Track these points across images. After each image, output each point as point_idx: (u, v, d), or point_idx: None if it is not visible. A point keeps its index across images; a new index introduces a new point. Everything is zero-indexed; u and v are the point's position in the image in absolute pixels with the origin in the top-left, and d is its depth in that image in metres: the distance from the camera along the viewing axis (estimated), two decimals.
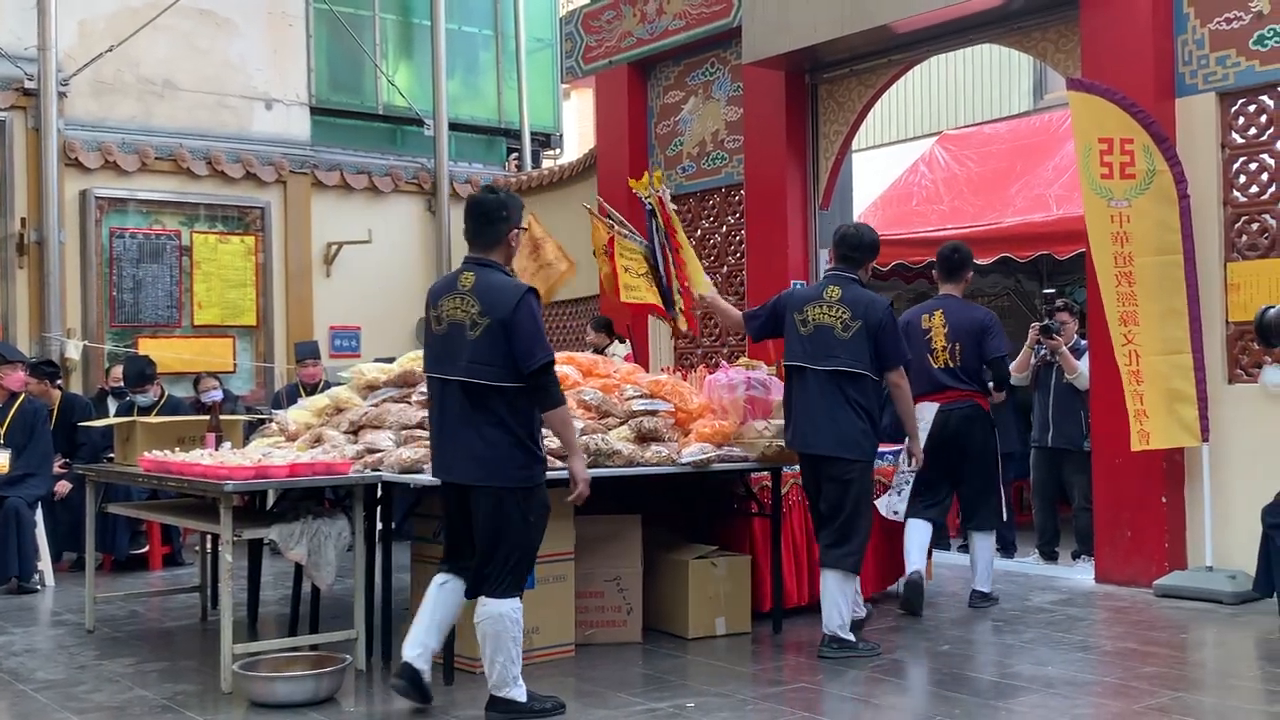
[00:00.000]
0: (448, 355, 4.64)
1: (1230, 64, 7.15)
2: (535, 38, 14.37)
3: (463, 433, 4.59)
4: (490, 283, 4.64)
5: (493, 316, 4.56)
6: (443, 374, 4.66)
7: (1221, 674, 5.49)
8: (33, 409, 8.25)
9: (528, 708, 4.66)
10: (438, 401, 4.72)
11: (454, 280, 4.73)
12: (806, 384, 5.73)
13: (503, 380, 4.55)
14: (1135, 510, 7.30)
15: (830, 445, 5.65)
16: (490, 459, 4.56)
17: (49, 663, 5.82)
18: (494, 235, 4.75)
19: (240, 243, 11.74)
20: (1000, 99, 13.47)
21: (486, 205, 4.77)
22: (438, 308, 4.71)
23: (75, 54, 10.90)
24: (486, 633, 4.60)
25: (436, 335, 4.71)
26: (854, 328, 5.65)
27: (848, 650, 5.63)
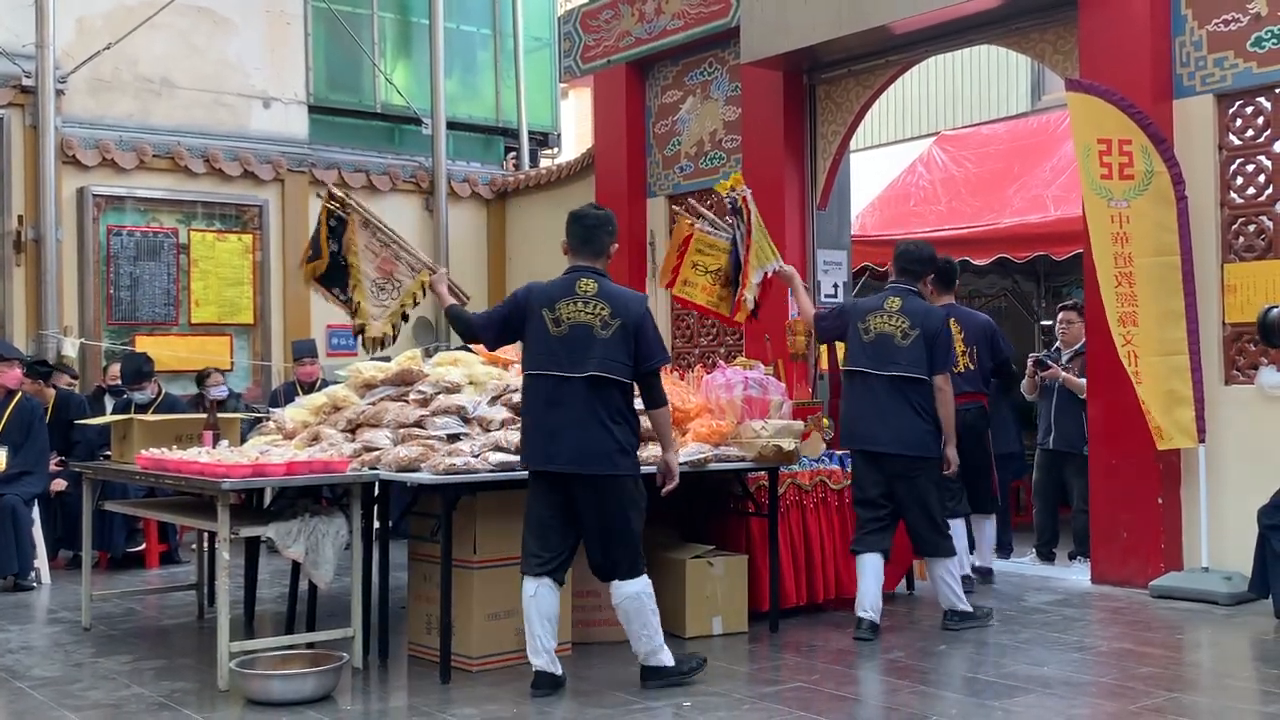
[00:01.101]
0: (570, 355, 4.99)
1: (1228, 65, 7.16)
2: (533, 37, 14.35)
3: (587, 427, 4.94)
4: (613, 289, 5.13)
5: (624, 319, 5.00)
6: (566, 372, 4.99)
7: (1217, 675, 5.50)
8: (29, 406, 8.24)
9: (678, 670, 5.12)
10: (550, 397, 5.01)
11: (570, 286, 5.08)
12: (870, 388, 6.17)
13: (626, 376, 5.02)
14: (1131, 511, 7.31)
15: (897, 445, 6.08)
16: (616, 451, 4.97)
17: (45, 660, 5.82)
18: (600, 246, 5.19)
19: (238, 241, 11.73)
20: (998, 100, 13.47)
21: (595, 219, 5.21)
22: (555, 311, 5.03)
23: (73, 51, 10.88)
24: (628, 611, 5.04)
25: (555, 336, 5.03)
26: (912, 335, 6.12)
27: (969, 620, 6.20)
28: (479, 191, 13.41)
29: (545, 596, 5.01)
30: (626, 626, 5.10)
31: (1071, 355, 8.27)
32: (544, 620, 5.01)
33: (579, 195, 12.11)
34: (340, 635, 5.52)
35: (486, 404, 5.84)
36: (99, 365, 10.62)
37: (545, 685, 5.02)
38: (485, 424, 5.70)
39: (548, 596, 5.02)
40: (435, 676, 5.29)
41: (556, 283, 5.16)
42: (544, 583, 5.02)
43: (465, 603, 5.42)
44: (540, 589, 5.01)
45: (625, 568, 5.02)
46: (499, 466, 5.35)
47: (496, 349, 5.95)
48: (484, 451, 5.43)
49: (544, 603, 5.01)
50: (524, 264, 13.25)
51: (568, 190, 12.56)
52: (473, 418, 5.74)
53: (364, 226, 6.46)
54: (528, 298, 5.15)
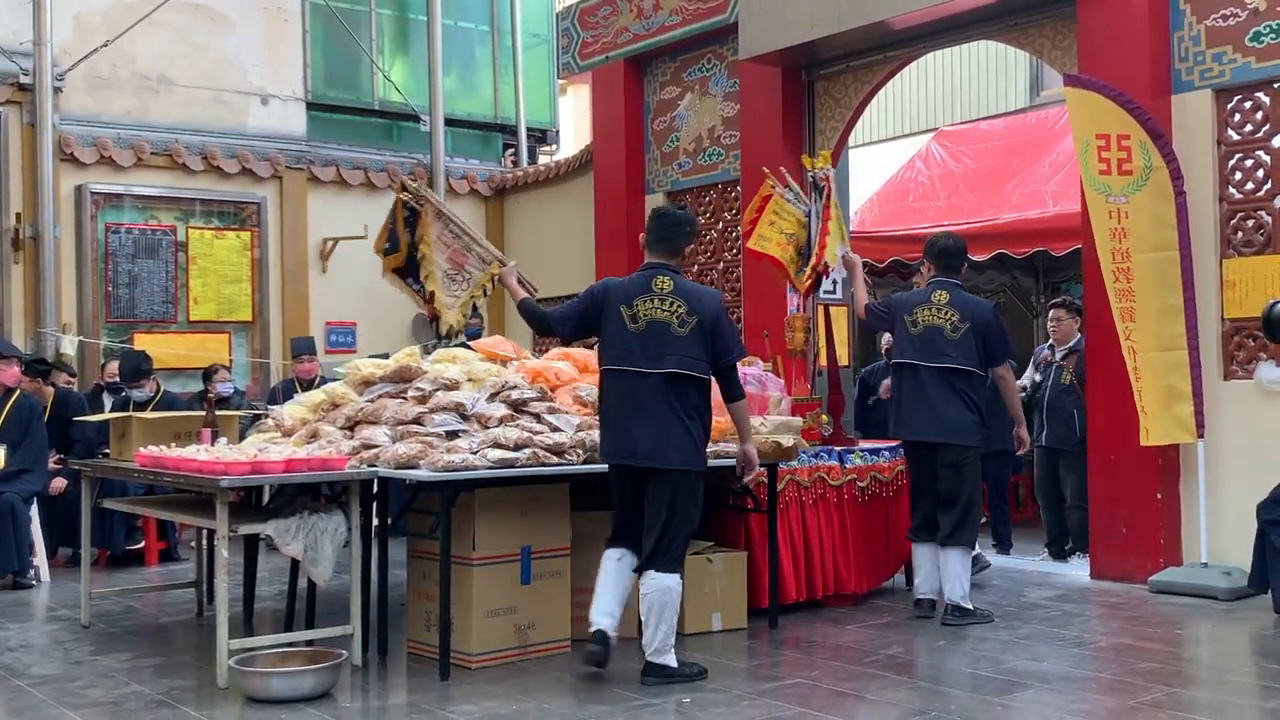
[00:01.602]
0: (646, 351, 5.13)
1: (1227, 60, 7.16)
2: (531, 33, 14.34)
3: (663, 422, 5.08)
4: (689, 286, 5.24)
5: (700, 315, 5.13)
6: (643, 368, 5.13)
7: (1216, 669, 5.50)
8: (28, 404, 8.23)
9: (679, 672, 5.16)
10: (628, 393, 5.15)
11: (646, 283, 5.20)
12: (920, 379, 6.35)
13: (703, 372, 5.14)
14: (1131, 506, 7.31)
15: (944, 434, 6.27)
16: (690, 446, 5.13)
17: (45, 658, 5.82)
18: (677, 245, 5.35)
19: (236, 238, 11.72)
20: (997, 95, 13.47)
21: (674, 218, 5.36)
22: (632, 308, 5.16)
23: (71, 49, 10.87)
24: (654, 603, 5.09)
25: (632, 333, 5.16)
26: (962, 329, 6.28)
27: (968, 618, 6.23)
28: (477, 188, 13.40)
29: (627, 566, 5.22)
30: (644, 617, 5.16)
31: (1066, 353, 8.28)
32: (619, 587, 5.19)
33: (577, 192, 12.13)
34: (339, 632, 5.52)
35: (485, 401, 5.84)
36: (97, 363, 10.62)
37: (600, 643, 5.14)
38: (484, 421, 5.69)
39: (629, 566, 5.22)
40: (435, 673, 5.28)
41: (634, 279, 5.30)
42: (628, 554, 5.23)
43: (464, 600, 5.41)
44: (625, 557, 5.23)
45: (666, 560, 5.13)
46: (497, 463, 5.35)
47: (573, 343, 6.12)
48: (483, 448, 5.43)
49: (625, 572, 5.22)
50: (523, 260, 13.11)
51: (566, 187, 12.56)
52: (471, 414, 5.74)
53: (437, 218, 6.60)
54: (605, 293, 5.27)
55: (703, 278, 10.51)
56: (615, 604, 5.19)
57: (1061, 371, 8.21)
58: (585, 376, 6.38)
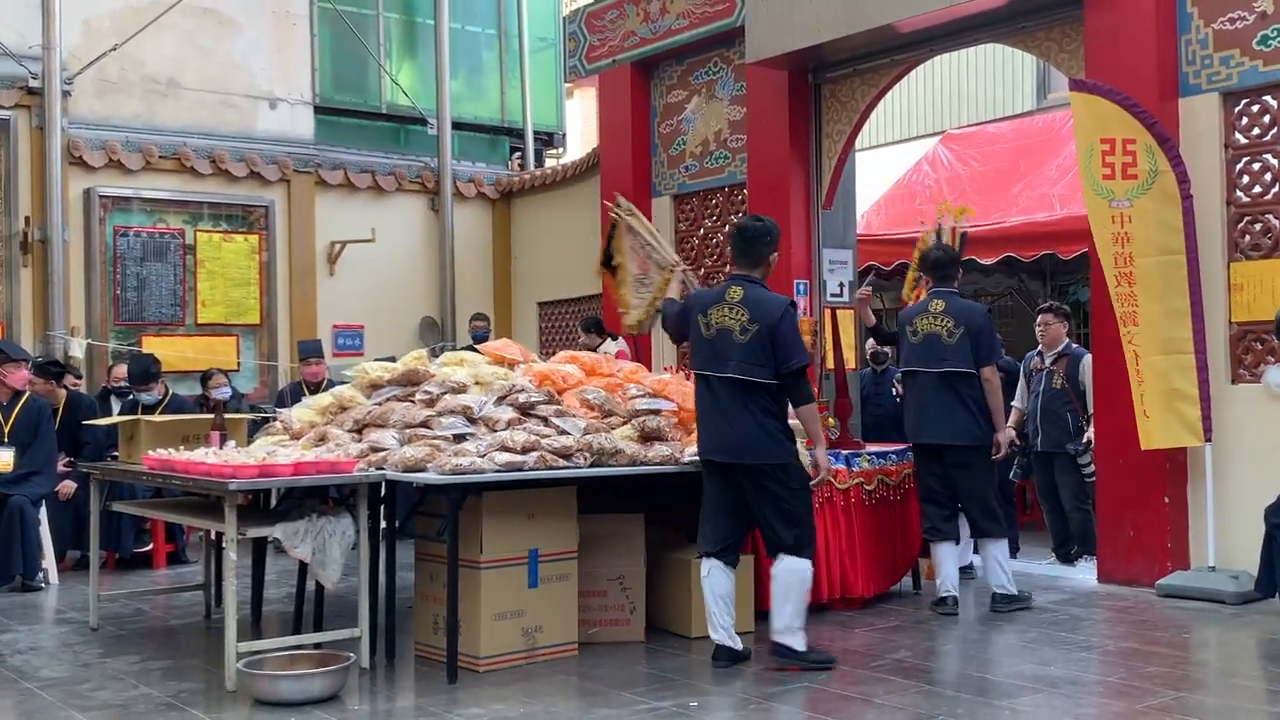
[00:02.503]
0: (717, 356, 5.41)
1: (1234, 64, 7.15)
2: (538, 37, 14.36)
3: (739, 421, 5.34)
4: (757, 296, 5.45)
5: (761, 324, 5.34)
6: (714, 372, 5.42)
7: (1224, 674, 5.49)
8: (37, 407, 8.25)
9: (805, 656, 5.39)
10: (708, 395, 5.47)
11: (722, 293, 5.51)
12: (923, 385, 6.66)
13: (767, 378, 5.33)
14: (1138, 510, 7.30)
15: (948, 435, 6.57)
16: (765, 442, 5.34)
17: (54, 661, 5.83)
18: (758, 256, 5.56)
19: (244, 241, 11.75)
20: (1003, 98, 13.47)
21: (754, 230, 5.58)
22: (707, 315, 5.46)
23: (79, 53, 10.91)
24: (781, 584, 5.36)
25: (706, 339, 5.46)
26: (958, 333, 6.57)
27: (1015, 603, 6.60)
28: (484, 191, 13.42)
29: (717, 577, 5.44)
30: (774, 597, 5.41)
31: (1055, 357, 8.28)
32: (718, 599, 5.43)
33: (584, 195, 12.15)
34: (347, 635, 5.53)
35: (493, 404, 5.85)
36: (106, 366, 10.64)
37: (724, 658, 5.41)
38: (491, 424, 5.70)
39: (719, 577, 5.44)
40: (442, 676, 5.30)
41: (714, 289, 5.65)
42: (715, 564, 5.46)
43: (472, 603, 5.42)
44: (713, 570, 5.45)
45: (791, 544, 5.38)
46: (505, 466, 5.36)
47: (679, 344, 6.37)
48: (490, 451, 5.44)
49: (716, 583, 5.44)
50: (529, 263, 13.28)
51: (573, 190, 12.57)
52: (479, 418, 5.75)
53: (629, 231, 7.05)
54: (691, 303, 5.65)
55: (710, 281, 10.52)
56: (723, 615, 5.44)
57: (1052, 376, 8.23)
58: (592, 380, 6.40)
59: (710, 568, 5.48)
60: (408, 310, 12.79)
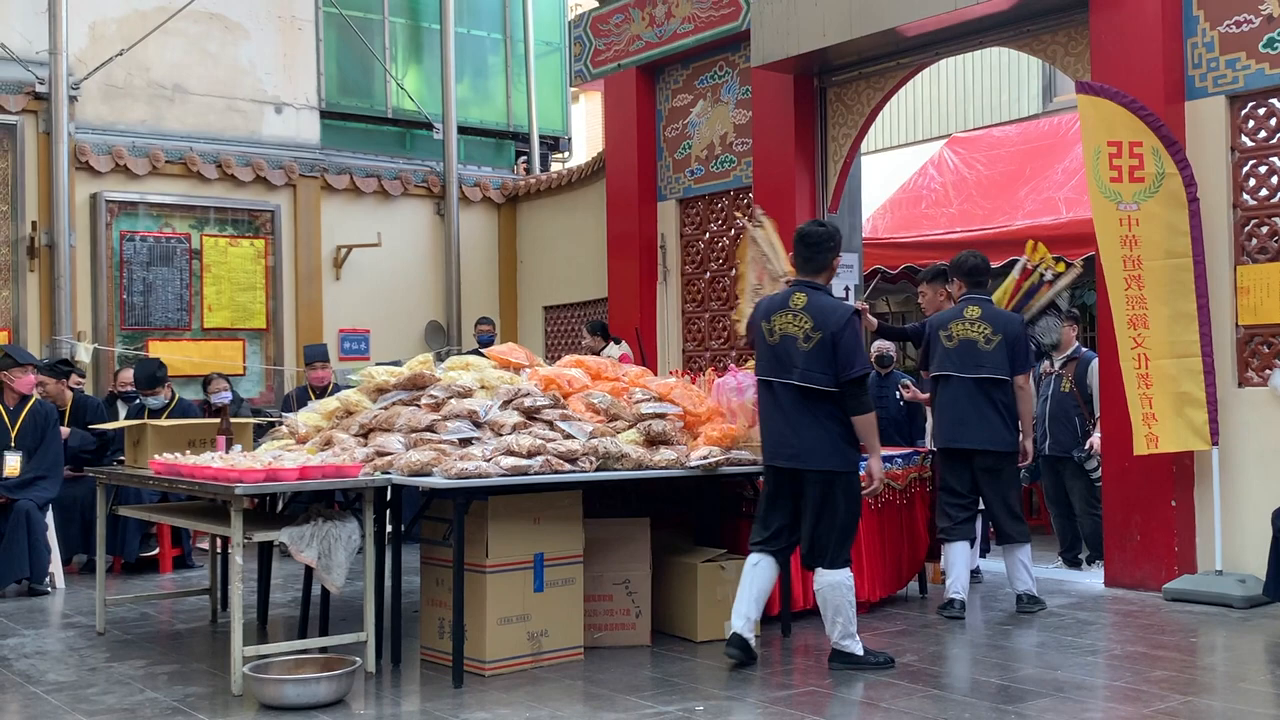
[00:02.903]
0: (780, 363, 5.46)
1: (1240, 67, 7.14)
2: (544, 41, 14.38)
3: (801, 427, 5.40)
4: (821, 303, 5.46)
5: (823, 331, 5.35)
6: (777, 378, 5.47)
7: (1232, 678, 5.48)
8: (44, 411, 8.27)
9: (865, 660, 5.46)
10: (772, 401, 5.53)
11: (786, 299, 5.52)
12: (956, 390, 6.69)
13: (830, 385, 5.36)
14: (1145, 513, 7.29)
15: (984, 441, 6.61)
16: (828, 448, 5.38)
17: (60, 665, 5.84)
18: (822, 262, 5.58)
19: (250, 246, 11.77)
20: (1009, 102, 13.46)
21: (817, 236, 5.58)
22: (770, 322, 5.51)
23: (86, 58, 10.94)
24: (827, 598, 5.43)
25: (769, 346, 5.51)
26: (995, 340, 6.63)
27: (1038, 605, 6.68)
28: (490, 195, 13.44)
29: (764, 570, 5.52)
30: (822, 611, 5.50)
31: (1064, 361, 8.28)
32: (756, 592, 5.49)
33: (590, 199, 12.16)
34: (353, 640, 5.53)
35: (498, 408, 5.85)
36: (112, 370, 10.66)
37: (737, 646, 5.46)
38: (497, 428, 5.70)
39: (766, 571, 5.52)
40: (448, 681, 5.30)
41: (778, 296, 5.66)
42: (766, 558, 5.52)
43: (478, 607, 5.42)
44: (761, 562, 5.52)
45: (829, 557, 5.43)
46: (511, 470, 5.36)
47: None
48: (496, 455, 5.44)
49: (760, 576, 5.51)
50: (535, 267, 13.29)
51: (578, 194, 12.58)
52: (485, 422, 5.75)
53: (752, 242, 7.18)
54: (758, 309, 5.69)
55: (715, 285, 10.53)
56: (750, 606, 5.48)
57: (1061, 380, 8.23)
58: (598, 383, 6.39)
59: (759, 560, 5.53)
60: (413, 314, 12.80)
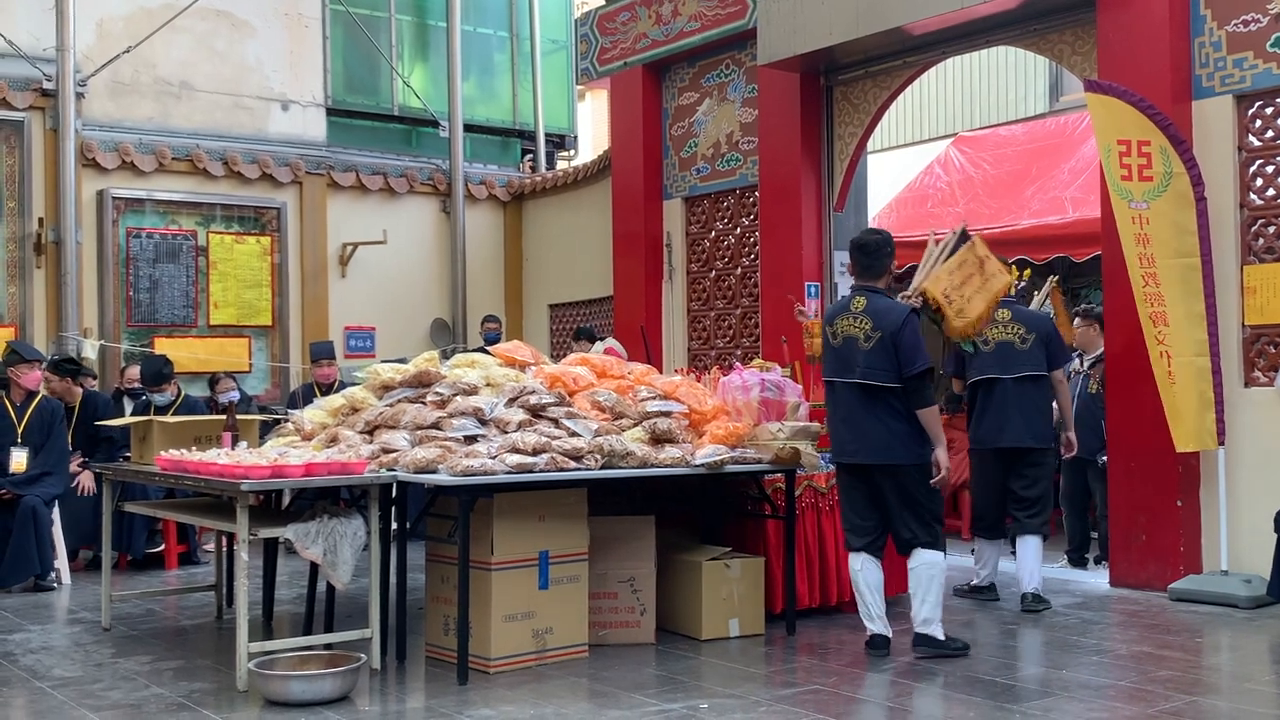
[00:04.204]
0: (843, 363, 5.71)
1: (1248, 66, 7.13)
2: (550, 39, 14.38)
3: (867, 424, 5.62)
4: (879, 305, 5.69)
5: (883, 331, 5.60)
6: (841, 377, 5.71)
7: (1236, 678, 5.47)
8: (50, 408, 8.28)
9: (946, 645, 5.66)
10: (838, 400, 5.77)
11: (847, 304, 5.79)
12: (995, 391, 6.89)
13: (892, 382, 5.57)
14: (1150, 513, 7.28)
15: (1032, 439, 6.83)
16: (891, 443, 5.59)
17: (66, 660, 5.85)
18: (879, 268, 5.82)
19: (256, 243, 11.78)
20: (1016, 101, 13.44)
21: (874, 244, 5.85)
22: (834, 325, 5.77)
23: (93, 55, 10.95)
24: (921, 576, 5.61)
25: (833, 348, 5.78)
26: (1030, 339, 6.87)
27: (1043, 605, 6.75)
28: (495, 193, 13.45)
29: (870, 569, 5.70)
30: (913, 591, 5.66)
31: (1093, 362, 8.25)
32: (872, 590, 5.69)
33: (595, 197, 12.15)
34: (358, 636, 5.54)
35: (504, 405, 5.85)
36: (119, 367, 10.68)
37: (882, 646, 5.68)
38: (502, 425, 5.71)
39: (872, 569, 5.71)
40: (453, 678, 5.30)
41: (840, 301, 5.93)
42: (866, 558, 5.71)
43: (483, 604, 5.43)
44: (865, 563, 5.71)
45: (924, 539, 5.64)
46: (516, 468, 5.36)
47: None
48: (501, 453, 5.44)
49: (870, 575, 5.70)
50: (540, 265, 13.29)
51: (584, 192, 12.58)
52: (490, 419, 5.75)
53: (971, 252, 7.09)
54: (825, 316, 5.95)
55: (720, 283, 10.52)
56: (877, 605, 5.69)
57: (1089, 380, 8.19)
58: (603, 381, 6.40)
59: (862, 561, 5.71)
60: (419, 312, 12.81)
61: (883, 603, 5.74)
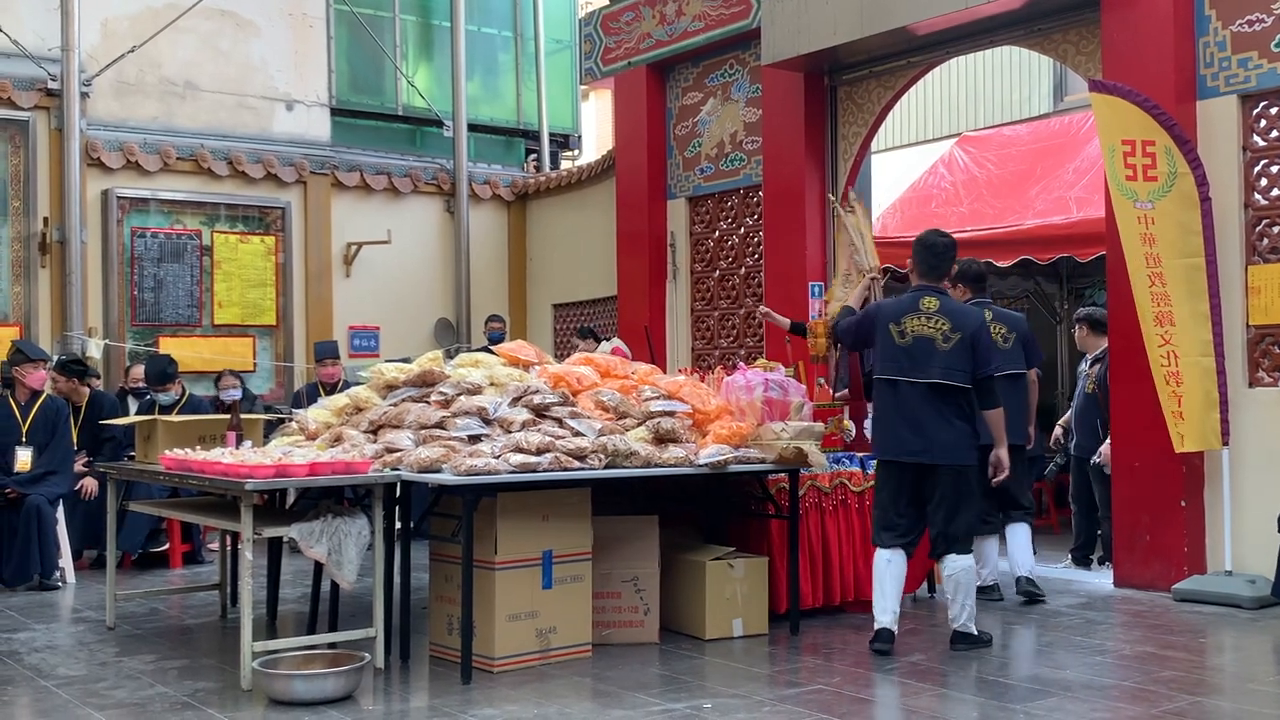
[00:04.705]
0: (914, 363, 5.75)
1: (1252, 66, 7.12)
2: (554, 39, 14.38)
3: (935, 424, 5.70)
4: (953, 306, 5.88)
5: (963, 332, 5.72)
6: (911, 378, 5.74)
7: (1240, 678, 5.47)
8: (54, 407, 8.30)
9: (979, 638, 5.86)
10: (895, 399, 5.79)
11: (915, 303, 5.82)
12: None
13: (965, 382, 5.73)
14: (1154, 514, 7.28)
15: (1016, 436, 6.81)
16: (958, 444, 5.71)
17: (70, 659, 5.86)
18: (944, 269, 5.99)
19: (260, 243, 11.79)
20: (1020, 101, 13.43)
21: (942, 245, 5.97)
22: (900, 324, 5.80)
23: (98, 55, 10.97)
24: (959, 582, 5.77)
25: (900, 347, 5.79)
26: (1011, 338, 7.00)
27: (1037, 589, 6.97)
28: (500, 193, 13.45)
29: (898, 564, 5.80)
30: (952, 596, 5.80)
31: (1092, 362, 8.26)
32: (896, 585, 5.78)
33: (599, 197, 12.16)
34: (362, 635, 5.55)
35: (508, 405, 5.86)
36: (123, 366, 10.70)
37: (887, 640, 5.72)
38: (506, 425, 5.71)
39: (900, 565, 5.81)
40: (456, 677, 5.31)
41: (902, 301, 5.92)
42: (898, 554, 5.80)
43: (486, 603, 5.43)
44: (895, 557, 5.79)
45: (961, 544, 5.76)
46: (519, 467, 5.36)
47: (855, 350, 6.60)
48: (505, 452, 5.45)
49: (897, 570, 5.79)
50: (544, 265, 13.29)
51: (588, 192, 12.59)
52: (494, 419, 5.76)
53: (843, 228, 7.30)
54: (877, 314, 5.96)
55: (724, 283, 10.52)
56: (894, 601, 5.76)
57: (1086, 380, 8.21)
58: (607, 381, 6.40)
59: (891, 557, 5.78)
60: (423, 311, 12.82)
61: (900, 600, 5.82)
